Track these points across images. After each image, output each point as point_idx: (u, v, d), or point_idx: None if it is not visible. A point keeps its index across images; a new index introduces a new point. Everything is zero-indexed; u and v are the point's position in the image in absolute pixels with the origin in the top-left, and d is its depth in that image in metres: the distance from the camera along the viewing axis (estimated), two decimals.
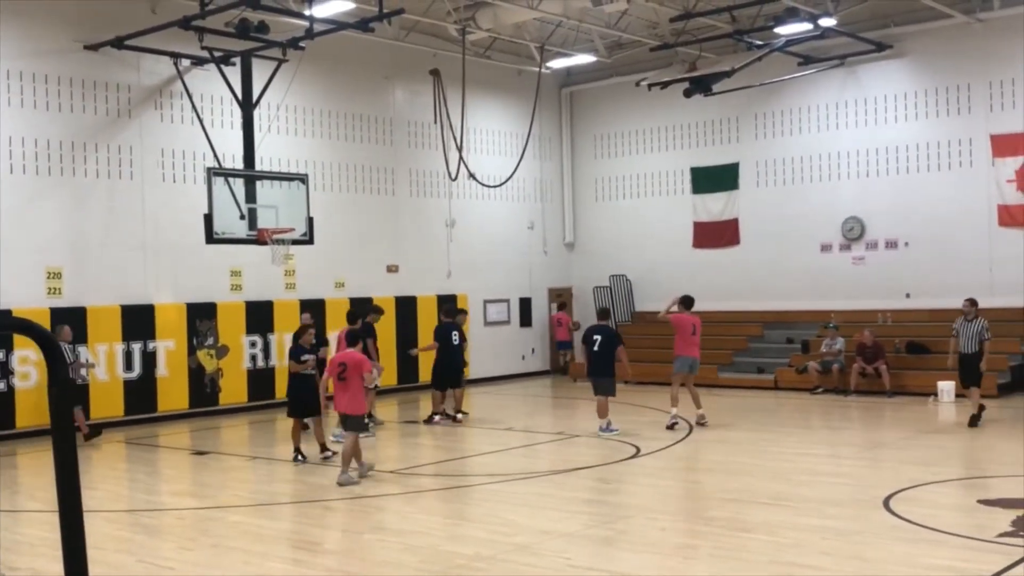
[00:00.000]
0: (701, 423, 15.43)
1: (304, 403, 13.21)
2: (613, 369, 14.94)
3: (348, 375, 11.54)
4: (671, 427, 15.18)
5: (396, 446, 14.93)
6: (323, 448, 13.13)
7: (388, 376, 19.25)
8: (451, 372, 16.79)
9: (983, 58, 20.18)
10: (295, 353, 13.35)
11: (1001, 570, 7.36)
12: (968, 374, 15.36)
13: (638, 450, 13.50)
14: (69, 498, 2.25)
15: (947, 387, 17.92)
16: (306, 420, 13.65)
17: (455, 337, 16.77)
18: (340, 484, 11.32)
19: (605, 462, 12.75)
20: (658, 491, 10.96)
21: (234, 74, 18.11)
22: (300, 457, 13.12)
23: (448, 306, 18.19)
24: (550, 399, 20.06)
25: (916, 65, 21.13)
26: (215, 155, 18.16)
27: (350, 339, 12.75)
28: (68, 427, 2.32)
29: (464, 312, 17.81)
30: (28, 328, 2.29)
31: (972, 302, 15.35)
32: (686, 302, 15.96)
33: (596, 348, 14.97)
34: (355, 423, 11.64)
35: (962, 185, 20.50)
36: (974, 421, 14.87)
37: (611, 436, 14.54)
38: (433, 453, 14.06)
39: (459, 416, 16.84)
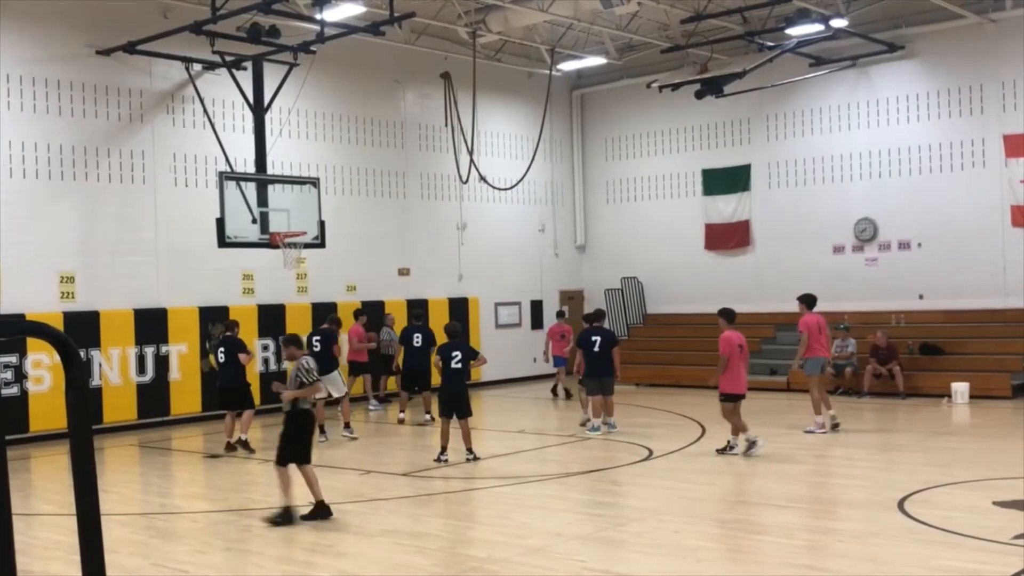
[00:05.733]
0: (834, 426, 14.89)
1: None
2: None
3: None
4: (834, 427, 14.73)
5: (407, 449, 14.93)
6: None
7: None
8: (416, 374, 17.02)
9: (995, 58, 20.09)
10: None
11: (1017, 572, 7.33)
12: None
13: (650, 452, 13.47)
14: (87, 502, 2.25)
15: (961, 388, 17.85)
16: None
17: (417, 340, 16.90)
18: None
19: (618, 464, 12.73)
20: (671, 493, 10.93)
21: (245, 78, 18.19)
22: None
23: (417, 311, 18.21)
24: (561, 402, 20.04)
25: (928, 66, 21.04)
26: (227, 159, 18.21)
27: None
28: (86, 431, 2.32)
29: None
30: (43, 332, 2.28)
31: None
32: (808, 301, 15.29)
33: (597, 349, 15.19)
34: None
35: (975, 186, 20.41)
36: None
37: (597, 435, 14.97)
38: None
39: (427, 418, 16.77)
